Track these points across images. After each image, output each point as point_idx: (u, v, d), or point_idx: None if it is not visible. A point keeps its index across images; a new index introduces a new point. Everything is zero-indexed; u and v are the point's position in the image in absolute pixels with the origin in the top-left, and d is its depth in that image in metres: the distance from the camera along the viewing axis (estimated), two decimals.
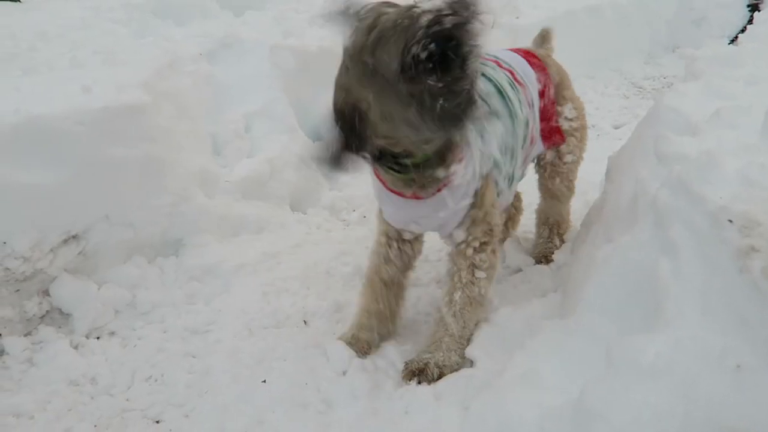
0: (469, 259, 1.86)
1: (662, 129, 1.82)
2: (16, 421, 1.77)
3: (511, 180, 1.98)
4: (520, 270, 2.46)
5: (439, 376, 1.84)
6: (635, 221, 1.58)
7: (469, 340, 1.92)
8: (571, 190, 2.40)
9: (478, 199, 1.80)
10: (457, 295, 1.88)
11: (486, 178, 1.82)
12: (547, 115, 2.16)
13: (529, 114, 2.03)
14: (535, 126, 2.10)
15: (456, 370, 1.88)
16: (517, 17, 4.56)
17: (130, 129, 2.26)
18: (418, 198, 1.74)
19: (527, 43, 2.46)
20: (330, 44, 3.48)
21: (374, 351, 1.99)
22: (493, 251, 1.89)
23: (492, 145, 1.81)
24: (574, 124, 2.25)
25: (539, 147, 2.19)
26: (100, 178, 2.17)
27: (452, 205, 1.77)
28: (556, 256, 2.42)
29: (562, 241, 2.48)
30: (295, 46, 3.30)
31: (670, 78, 5.09)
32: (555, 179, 2.32)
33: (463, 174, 1.71)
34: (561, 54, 2.49)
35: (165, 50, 3.00)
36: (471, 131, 1.65)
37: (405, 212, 1.83)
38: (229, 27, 3.60)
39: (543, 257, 2.45)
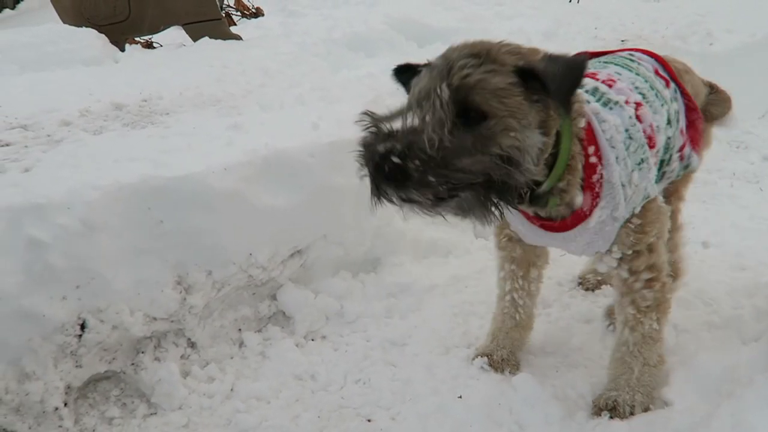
0: (635, 297, 1.84)
1: None
2: (257, 403, 2.14)
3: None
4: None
5: (631, 414, 1.91)
6: None
7: (656, 378, 1.93)
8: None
9: (630, 235, 1.77)
10: (627, 335, 1.90)
11: (646, 207, 1.78)
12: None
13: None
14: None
15: (645, 409, 1.93)
16: (711, 44, 4.34)
17: (349, 161, 2.56)
18: (547, 228, 1.79)
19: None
20: None
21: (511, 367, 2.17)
22: (662, 287, 1.84)
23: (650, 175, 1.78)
24: None
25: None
26: (323, 203, 2.52)
27: (582, 241, 1.79)
28: (758, 301, 2.33)
29: None
30: None
31: None
32: None
33: (599, 215, 1.71)
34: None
35: (369, 87, 3.35)
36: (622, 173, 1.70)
37: (535, 236, 1.88)
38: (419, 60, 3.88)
39: None
